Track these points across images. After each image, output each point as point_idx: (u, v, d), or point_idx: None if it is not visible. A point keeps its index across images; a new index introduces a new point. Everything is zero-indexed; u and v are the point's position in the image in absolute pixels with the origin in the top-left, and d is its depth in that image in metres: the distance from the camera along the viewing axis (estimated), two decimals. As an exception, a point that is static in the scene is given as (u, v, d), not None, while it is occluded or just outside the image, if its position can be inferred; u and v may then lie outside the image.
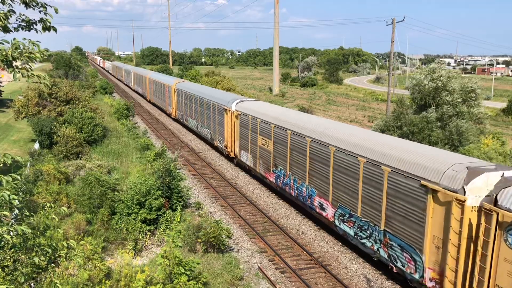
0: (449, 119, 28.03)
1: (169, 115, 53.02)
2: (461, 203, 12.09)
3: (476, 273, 11.87)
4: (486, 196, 11.85)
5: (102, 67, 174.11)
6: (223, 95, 35.93)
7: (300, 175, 21.25)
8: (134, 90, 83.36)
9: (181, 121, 46.31)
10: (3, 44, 6.87)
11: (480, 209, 11.84)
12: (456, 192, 12.25)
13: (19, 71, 7.01)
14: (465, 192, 12.02)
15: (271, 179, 24.61)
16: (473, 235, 12.04)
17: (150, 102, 66.58)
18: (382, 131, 30.55)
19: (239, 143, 29.34)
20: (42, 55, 6.99)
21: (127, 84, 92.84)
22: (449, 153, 15.12)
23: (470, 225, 12.02)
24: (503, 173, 12.15)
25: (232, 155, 31.21)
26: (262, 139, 25.30)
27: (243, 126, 28.26)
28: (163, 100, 55.06)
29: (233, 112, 30.08)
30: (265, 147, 24.92)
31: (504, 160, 24.20)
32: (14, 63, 6.93)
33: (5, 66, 6.86)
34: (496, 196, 11.45)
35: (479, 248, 11.75)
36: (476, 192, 11.97)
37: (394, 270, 15.45)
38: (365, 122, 55.11)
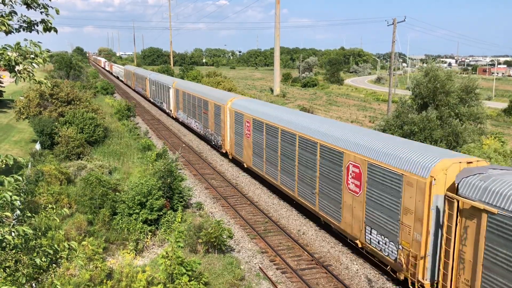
0: (448, 119, 28.02)
1: (311, 214, 22.46)
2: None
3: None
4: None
5: (108, 71, 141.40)
6: None
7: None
8: (175, 119, 51.54)
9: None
10: (6, 49, 6.91)
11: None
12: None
13: (21, 76, 7.05)
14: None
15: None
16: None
17: (233, 159, 32.47)
18: (384, 131, 30.64)
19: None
20: (44, 61, 7.03)
21: (156, 103, 61.46)
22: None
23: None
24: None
25: None
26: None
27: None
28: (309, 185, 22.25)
29: None
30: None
31: (505, 160, 24.17)
32: (17, 68, 6.97)
33: (8, 70, 6.91)
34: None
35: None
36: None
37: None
38: (366, 122, 55.12)
